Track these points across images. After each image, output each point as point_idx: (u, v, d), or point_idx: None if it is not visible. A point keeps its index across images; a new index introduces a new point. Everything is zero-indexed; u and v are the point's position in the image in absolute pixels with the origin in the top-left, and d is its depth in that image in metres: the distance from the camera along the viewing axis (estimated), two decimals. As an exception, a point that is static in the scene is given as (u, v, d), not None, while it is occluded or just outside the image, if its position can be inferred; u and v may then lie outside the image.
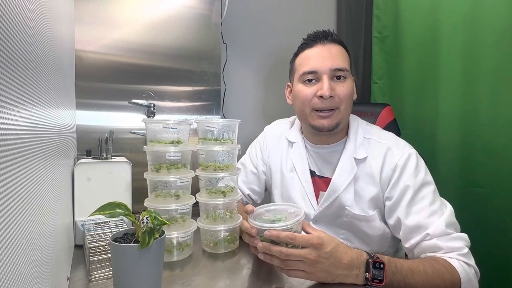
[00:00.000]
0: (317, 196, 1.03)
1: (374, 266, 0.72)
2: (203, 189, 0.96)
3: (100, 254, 0.79)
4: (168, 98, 1.34)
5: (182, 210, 0.90)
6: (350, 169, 0.97)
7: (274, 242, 0.71)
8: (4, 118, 0.30)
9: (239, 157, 1.21)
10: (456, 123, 1.46)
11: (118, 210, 0.63)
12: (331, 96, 0.93)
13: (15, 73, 0.34)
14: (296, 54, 1.04)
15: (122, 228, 0.92)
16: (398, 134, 1.27)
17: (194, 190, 0.96)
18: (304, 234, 0.73)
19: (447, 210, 0.87)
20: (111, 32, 1.23)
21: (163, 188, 0.91)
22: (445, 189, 1.20)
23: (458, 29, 1.43)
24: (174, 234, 0.86)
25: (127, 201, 1.04)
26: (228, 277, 0.80)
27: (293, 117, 1.19)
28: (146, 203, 0.89)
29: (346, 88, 0.95)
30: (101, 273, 0.76)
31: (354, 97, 1.02)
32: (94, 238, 0.85)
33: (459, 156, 1.46)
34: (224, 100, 1.63)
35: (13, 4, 0.33)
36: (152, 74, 1.31)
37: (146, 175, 0.90)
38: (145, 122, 0.92)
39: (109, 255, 0.78)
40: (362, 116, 1.13)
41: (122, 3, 1.24)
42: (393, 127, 1.39)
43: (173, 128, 0.91)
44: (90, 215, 0.62)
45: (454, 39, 1.45)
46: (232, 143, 0.96)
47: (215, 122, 0.95)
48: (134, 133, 1.27)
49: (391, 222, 0.92)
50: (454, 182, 1.46)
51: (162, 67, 1.32)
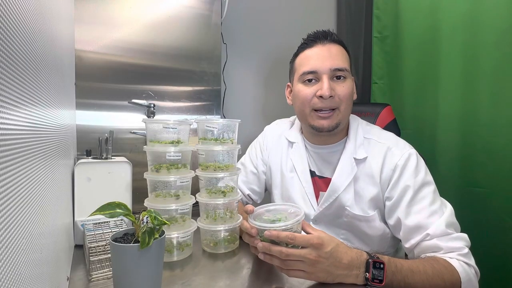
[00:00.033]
0: (317, 196, 1.03)
1: (374, 266, 0.72)
2: (203, 189, 0.96)
3: (100, 254, 0.79)
4: (168, 98, 1.34)
5: (182, 210, 0.90)
6: (350, 169, 0.97)
7: (274, 242, 0.71)
8: (4, 118, 0.30)
9: (239, 157, 1.21)
10: (456, 123, 1.46)
11: (118, 210, 0.63)
12: (331, 96, 0.93)
13: (15, 73, 0.34)
14: (296, 54, 1.04)
15: (122, 228, 0.92)
16: (398, 134, 1.27)
17: (194, 190, 0.96)
18: (304, 234, 0.73)
19: (447, 210, 0.87)
20: (111, 32, 1.23)
21: (163, 188, 0.91)
22: (445, 189, 1.20)
23: (458, 29, 1.43)
24: (174, 234, 0.86)
25: (127, 201, 1.04)
26: (228, 277, 0.80)
27: (293, 117, 1.19)
28: (146, 203, 0.89)
29: (346, 88, 0.95)
30: (101, 273, 0.76)
31: (354, 97, 1.02)
32: (94, 238, 0.85)
33: (459, 156, 1.46)
34: (224, 100, 1.63)
35: (13, 4, 0.33)
36: (152, 74, 1.31)
37: (146, 175, 0.90)
38: (145, 122, 0.92)
39: (109, 255, 0.78)
40: (362, 116, 1.13)
41: (122, 3, 1.24)
42: (393, 127, 1.39)
43: (173, 128, 0.91)
44: (90, 215, 0.62)
45: (454, 39, 1.45)
46: (232, 143, 0.96)
47: (215, 122, 0.95)
48: (134, 133, 1.27)
49: (391, 222, 0.92)
50: (454, 182, 1.46)
51: (162, 67, 1.32)
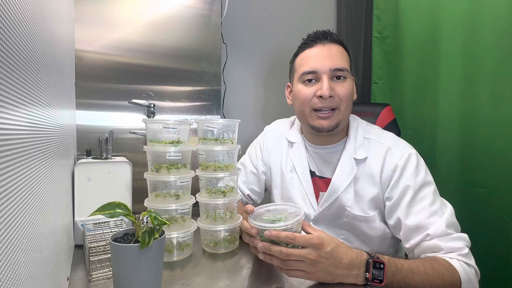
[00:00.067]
0: (317, 196, 1.03)
1: (374, 266, 0.72)
2: (203, 189, 0.96)
3: (100, 254, 0.79)
4: (168, 98, 1.34)
5: (182, 210, 0.90)
6: (350, 169, 0.97)
7: (274, 242, 0.71)
8: (4, 118, 0.30)
9: (239, 157, 1.21)
10: (456, 123, 1.46)
11: (118, 210, 0.63)
12: (331, 96, 0.93)
13: (15, 73, 0.34)
14: (296, 54, 1.04)
15: (122, 228, 0.92)
16: (398, 134, 1.27)
17: (194, 190, 0.96)
18: (304, 234, 0.73)
19: (448, 210, 0.87)
20: (111, 32, 1.23)
21: (163, 188, 0.91)
22: (445, 189, 1.20)
23: (458, 29, 1.43)
24: (174, 234, 0.86)
25: (127, 201, 1.04)
26: (228, 277, 0.80)
27: (293, 117, 1.19)
28: (146, 203, 0.89)
29: (346, 88, 0.95)
30: (101, 273, 0.76)
31: (354, 97, 1.02)
32: (94, 238, 0.85)
33: (459, 156, 1.46)
34: (224, 100, 1.63)
35: (13, 4, 0.33)
36: (152, 74, 1.31)
37: (146, 175, 0.90)
38: (145, 122, 0.92)
39: (109, 255, 0.78)
40: (362, 116, 1.13)
41: (122, 3, 1.24)
42: (393, 127, 1.39)
43: (173, 128, 0.91)
44: (90, 215, 0.62)
45: (454, 39, 1.45)
46: (232, 143, 0.96)
47: (215, 122, 0.95)
48: (134, 133, 1.27)
49: (391, 222, 0.92)
50: (454, 182, 1.46)
51: (162, 67, 1.32)
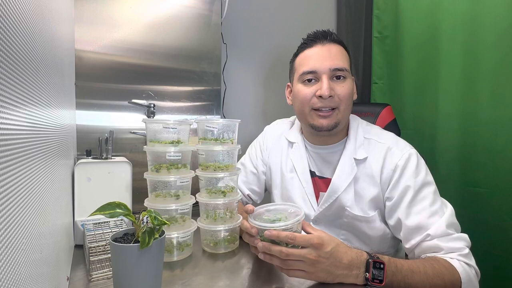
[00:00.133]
0: (317, 196, 1.03)
1: (374, 266, 0.72)
2: (203, 189, 0.96)
3: (100, 254, 0.79)
4: (168, 98, 1.34)
5: (182, 210, 0.90)
6: (350, 169, 0.97)
7: (274, 242, 0.71)
8: (4, 118, 0.30)
9: (239, 157, 1.21)
10: (456, 123, 1.46)
11: (118, 210, 0.63)
12: (331, 96, 0.93)
13: (15, 73, 0.34)
14: (295, 54, 1.04)
15: (122, 228, 0.92)
16: (398, 134, 1.27)
17: (194, 190, 0.96)
18: (304, 234, 0.73)
19: (448, 210, 0.87)
20: (111, 32, 1.23)
21: (163, 188, 0.91)
22: (445, 189, 1.20)
23: (458, 29, 1.43)
24: (174, 234, 0.86)
25: (127, 201, 1.04)
26: (228, 277, 0.80)
27: (293, 117, 1.19)
28: (146, 203, 0.89)
29: (346, 88, 0.95)
30: (101, 273, 0.76)
31: (354, 97, 1.01)
32: (94, 238, 0.85)
33: (459, 156, 1.46)
34: (224, 100, 1.63)
35: (13, 4, 0.33)
36: (152, 74, 1.31)
37: (146, 175, 0.90)
38: (145, 122, 0.92)
39: (109, 255, 0.78)
40: (362, 116, 1.13)
41: (122, 3, 1.24)
42: (393, 127, 1.39)
43: (173, 128, 0.91)
44: (90, 215, 0.62)
45: (454, 39, 1.45)
46: (232, 143, 0.96)
47: (215, 122, 0.95)
48: (134, 133, 1.27)
49: (392, 222, 0.92)
50: (454, 182, 1.46)
51: (162, 67, 1.32)
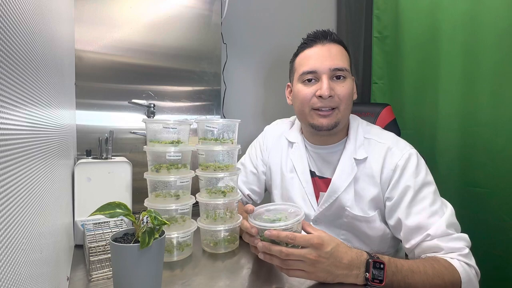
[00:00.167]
0: (317, 196, 1.03)
1: (374, 266, 0.72)
2: (203, 189, 0.96)
3: (100, 254, 0.79)
4: (168, 98, 1.34)
5: (182, 210, 0.90)
6: (350, 169, 0.97)
7: (274, 241, 0.71)
8: (4, 118, 0.30)
9: (239, 157, 1.21)
10: (456, 123, 1.46)
11: (118, 210, 0.63)
12: (331, 96, 0.93)
13: (15, 73, 0.34)
14: (296, 54, 1.04)
15: (122, 228, 0.92)
16: (398, 134, 1.27)
17: (194, 190, 0.96)
18: (304, 233, 0.73)
19: (448, 210, 0.87)
20: (111, 32, 1.23)
21: (163, 188, 0.91)
22: (445, 189, 1.20)
23: (458, 29, 1.43)
24: (174, 234, 0.86)
25: (127, 201, 1.04)
26: (228, 277, 0.80)
27: (293, 117, 1.19)
28: (146, 203, 0.89)
29: (346, 88, 0.95)
30: (101, 273, 0.76)
31: (354, 97, 1.01)
32: (94, 238, 0.85)
33: (459, 156, 1.46)
34: (224, 100, 1.63)
35: (13, 4, 0.33)
36: (152, 74, 1.31)
37: (146, 175, 0.90)
38: (145, 122, 0.92)
39: (109, 255, 0.78)
40: (362, 116, 1.13)
41: (122, 3, 1.24)
42: (393, 127, 1.39)
43: (173, 128, 0.91)
44: (90, 215, 0.62)
45: (454, 39, 1.45)
46: (232, 143, 0.96)
47: (215, 122, 0.95)
48: (134, 133, 1.27)
49: (392, 222, 0.92)
50: (454, 182, 1.46)
51: (162, 67, 1.32)
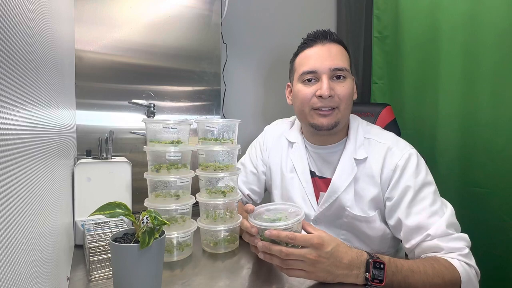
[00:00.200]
0: (317, 196, 1.03)
1: (374, 266, 0.72)
2: (203, 189, 0.96)
3: (100, 254, 0.79)
4: (168, 98, 1.34)
5: (182, 210, 0.90)
6: (350, 169, 0.97)
7: (274, 241, 0.71)
8: (4, 118, 0.30)
9: (239, 157, 1.21)
10: (456, 123, 1.46)
11: (118, 210, 0.63)
12: (331, 96, 0.93)
13: (15, 73, 0.34)
14: (296, 54, 1.04)
15: (122, 228, 0.92)
16: (398, 134, 1.27)
17: (194, 190, 0.96)
18: (304, 233, 0.73)
19: (448, 210, 0.87)
20: (111, 32, 1.23)
21: (163, 188, 0.91)
22: (445, 189, 1.20)
23: (458, 29, 1.43)
24: (174, 234, 0.86)
25: (127, 201, 1.04)
26: (228, 277, 0.80)
27: (293, 117, 1.19)
28: (146, 203, 0.89)
29: (346, 88, 0.95)
30: (101, 273, 0.76)
31: (355, 97, 1.01)
32: (94, 238, 0.85)
33: (459, 156, 1.46)
34: (224, 100, 1.63)
35: (13, 4, 0.33)
36: (152, 74, 1.31)
37: (146, 175, 0.90)
38: (145, 122, 0.92)
39: (109, 255, 0.78)
40: (362, 116, 1.13)
41: (122, 3, 1.24)
42: (393, 127, 1.39)
43: (173, 128, 0.91)
44: (90, 215, 0.62)
45: (454, 39, 1.45)
46: (232, 143, 0.96)
47: (215, 122, 0.95)
48: (134, 133, 1.27)
49: (392, 222, 0.92)
50: (454, 182, 1.46)
51: (162, 67, 1.32)
